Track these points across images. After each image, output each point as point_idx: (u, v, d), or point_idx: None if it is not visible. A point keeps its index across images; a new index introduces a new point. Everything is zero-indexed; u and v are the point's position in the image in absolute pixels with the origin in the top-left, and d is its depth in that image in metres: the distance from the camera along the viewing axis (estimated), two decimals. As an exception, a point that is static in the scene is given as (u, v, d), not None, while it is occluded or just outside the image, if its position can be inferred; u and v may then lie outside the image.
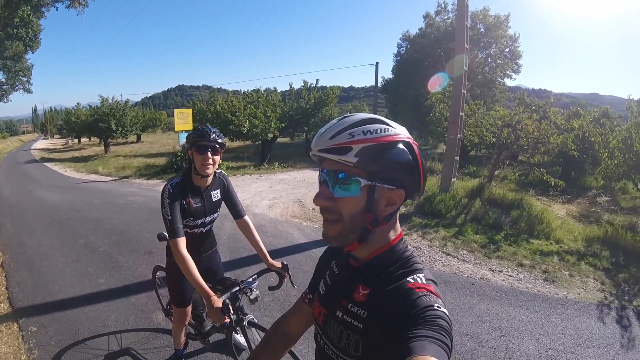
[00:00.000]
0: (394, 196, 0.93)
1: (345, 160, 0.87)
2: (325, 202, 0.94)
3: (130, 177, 15.70)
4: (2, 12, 12.95)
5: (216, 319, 2.08)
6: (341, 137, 0.88)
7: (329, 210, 0.94)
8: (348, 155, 0.87)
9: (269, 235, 6.85)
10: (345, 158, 0.87)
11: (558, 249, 6.13)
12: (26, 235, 7.08)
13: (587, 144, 10.80)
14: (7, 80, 26.98)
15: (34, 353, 3.43)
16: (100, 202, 10.25)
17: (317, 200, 0.96)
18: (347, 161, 0.87)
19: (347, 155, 0.87)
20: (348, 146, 0.87)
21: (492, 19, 27.32)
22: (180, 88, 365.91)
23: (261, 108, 17.26)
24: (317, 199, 0.95)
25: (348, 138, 0.87)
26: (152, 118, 40.80)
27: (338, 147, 0.88)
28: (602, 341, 3.70)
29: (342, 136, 0.88)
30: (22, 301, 4.48)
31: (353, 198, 0.90)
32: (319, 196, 0.95)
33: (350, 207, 0.91)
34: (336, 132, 0.89)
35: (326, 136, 0.90)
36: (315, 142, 0.92)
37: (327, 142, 0.89)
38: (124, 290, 4.73)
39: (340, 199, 0.91)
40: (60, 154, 30.37)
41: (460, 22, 8.54)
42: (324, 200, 0.94)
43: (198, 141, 2.40)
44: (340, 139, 0.88)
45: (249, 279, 2.46)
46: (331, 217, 0.94)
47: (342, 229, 0.93)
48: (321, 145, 0.90)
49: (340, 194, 0.91)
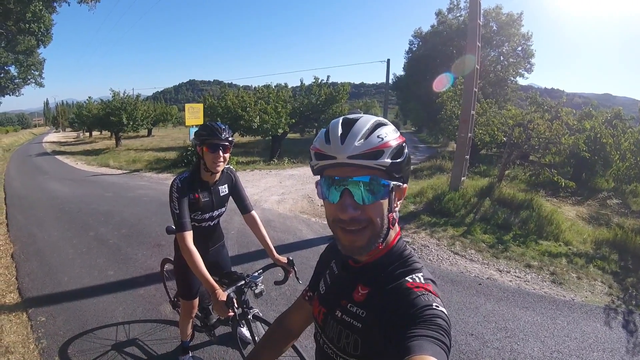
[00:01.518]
0: (402, 193, 0.95)
1: (379, 164, 0.86)
2: (354, 213, 0.88)
3: (141, 170, 15.85)
4: (14, 7, 13.08)
5: (221, 312, 2.10)
6: (371, 140, 0.86)
7: (356, 220, 0.89)
8: (382, 159, 0.86)
9: (278, 230, 6.87)
10: (380, 162, 0.86)
11: (567, 251, 6.07)
12: (36, 227, 7.18)
13: (598, 145, 10.66)
14: (20, 74, 27.28)
15: (43, 342, 3.49)
16: (110, 195, 10.35)
17: (346, 213, 0.88)
18: (381, 165, 0.86)
19: (381, 159, 0.86)
20: (380, 149, 0.86)
21: (504, 17, 27.07)
22: (191, 83, 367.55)
23: (272, 104, 17.31)
24: (346, 212, 0.88)
25: (379, 141, 0.86)
26: (163, 112, 41.05)
27: (372, 152, 0.86)
28: (608, 345, 3.66)
29: (372, 139, 0.86)
30: (31, 291, 4.55)
31: (380, 201, 0.89)
32: (347, 208, 0.88)
33: (379, 211, 0.90)
34: (362, 134, 0.87)
35: (352, 141, 0.86)
36: (341, 149, 0.86)
37: (356, 148, 0.86)
38: (133, 282, 4.78)
39: (369, 205, 0.88)
40: (72, 147, 30.70)
41: (472, 20, 8.46)
42: (353, 210, 0.88)
43: (209, 139, 2.41)
44: (371, 142, 0.86)
45: (255, 273, 2.48)
46: (359, 226, 0.89)
47: (371, 235, 0.91)
48: (350, 151, 0.86)
49: (370, 200, 0.88)
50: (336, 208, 0.90)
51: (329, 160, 0.89)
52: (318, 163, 0.92)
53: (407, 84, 31.37)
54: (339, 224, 0.91)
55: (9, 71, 27.05)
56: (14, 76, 27.51)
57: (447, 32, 28.11)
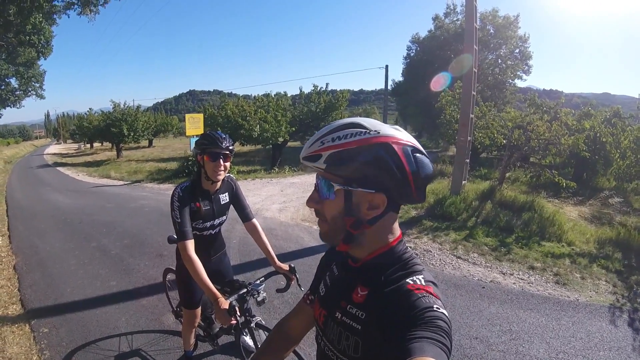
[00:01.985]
0: (375, 200, 0.92)
1: (316, 166, 0.93)
2: (314, 204, 1.01)
3: (142, 181, 15.87)
4: (14, 20, 13.16)
5: (223, 321, 2.10)
6: (314, 145, 0.93)
7: (317, 211, 1.01)
8: (319, 162, 0.92)
9: (280, 238, 6.87)
10: (317, 165, 0.92)
11: (570, 252, 6.06)
12: (39, 238, 7.19)
13: (598, 144, 10.67)
14: (20, 86, 27.44)
15: (46, 354, 3.48)
16: (112, 205, 10.36)
17: (307, 203, 1.02)
18: (318, 167, 0.93)
19: (318, 162, 0.92)
20: (318, 154, 0.92)
21: (501, 19, 27.12)
22: (191, 93, 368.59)
23: (271, 112, 17.35)
24: (308, 202, 1.02)
25: (319, 146, 0.92)
26: (163, 123, 41.19)
27: (312, 155, 0.93)
28: (614, 344, 3.64)
29: (315, 144, 0.93)
30: (34, 302, 4.55)
31: (332, 201, 0.95)
32: (309, 199, 1.02)
33: (330, 209, 0.96)
34: (313, 141, 0.95)
35: (307, 144, 0.96)
36: (302, 151, 0.97)
37: (305, 150, 0.95)
38: (135, 292, 4.77)
39: (324, 201, 0.97)
40: (73, 158, 30.77)
41: (469, 24, 8.50)
42: (314, 203, 1.01)
43: (209, 148, 2.43)
44: (313, 147, 0.93)
45: (256, 281, 2.48)
46: (320, 217, 1.01)
47: (327, 229, 0.99)
48: (302, 153, 0.96)
49: (323, 196, 0.97)
50: None
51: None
52: None
53: (406, 90, 31.41)
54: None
55: (9, 83, 27.25)
56: (14, 88, 27.69)
57: (444, 37, 28.18)
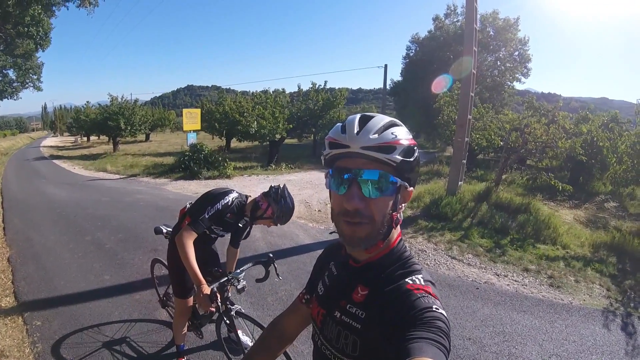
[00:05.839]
0: (408, 195, 0.95)
1: (390, 159, 0.87)
2: (359, 204, 0.89)
3: (138, 175, 15.81)
4: (13, 11, 13.10)
5: (204, 306, 2.26)
6: (385, 135, 0.88)
7: (360, 212, 0.89)
8: (393, 155, 0.87)
9: (274, 235, 6.85)
10: (391, 157, 0.87)
11: (564, 255, 6.08)
12: (33, 231, 7.15)
13: (595, 148, 10.71)
14: (18, 78, 27.25)
15: (38, 346, 3.46)
16: (107, 199, 10.30)
17: (351, 203, 0.89)
18: (391, 160, 0.87)
19: (392, 154, 0.87)
20: (393, 145, 0.87)
21: (501, 22, 27.20)
22: (189, 88, 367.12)
23: (269, 109, 17.33)
24: (352, 202, 0.89)
25: (392, 138, 0.88)
26: (161, 117, 41.01)
27: (385, 145, 0.87)
28: (606, 348, 3.66)
29: (386, 134, 0.88)
30: (27, 295, 4.52)
31: (386, 198, 0.90)
32: (354, 198, 0.89)
33: (383, 207, 0.91)
34: (377, 129, 0.89)
35: (367, 134, 0.88)
36: (356, 139, 0.88)
37: (371, 140, 0.87)
38: (129, 286, 4.76)
39: (374, 199, 0.89)
40: (69, 151, 30.61)
41: (469, 25, 8.50)
42: (359, 201, 0.89)
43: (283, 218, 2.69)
44: (385, 137, 0.88)
45: (237, 270, 2.68)
46: (361, 219, 0.89)
47: (371, 230, 0.91)
48: (364, 142, 0.87)
49: (375, 194, 0.88)
50: (343, 198, 0.90)
51: (342, 149, 0.90)
52: (331, 152, 0.93)
53: (404, 89, 31.46)
54: (342, 217, 0.91)
55: (7, 75, 27.05)
56: (12, 80, 27.49)
57: (444, 38, 28.22)
